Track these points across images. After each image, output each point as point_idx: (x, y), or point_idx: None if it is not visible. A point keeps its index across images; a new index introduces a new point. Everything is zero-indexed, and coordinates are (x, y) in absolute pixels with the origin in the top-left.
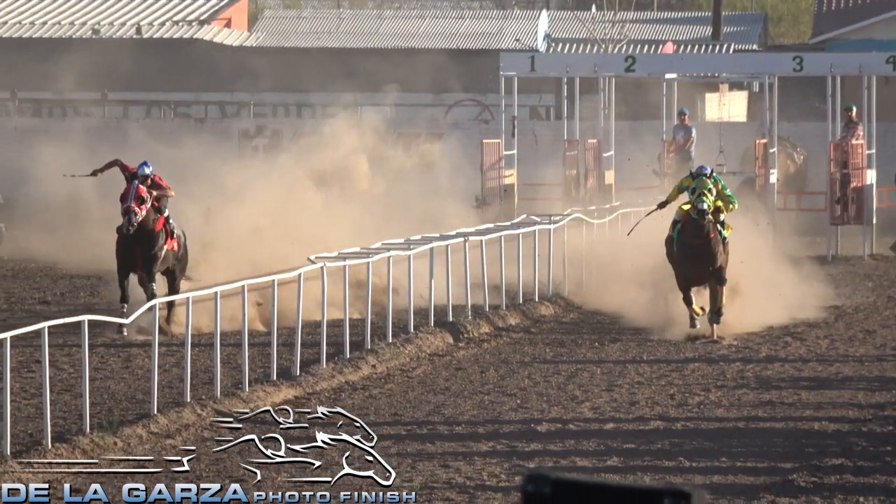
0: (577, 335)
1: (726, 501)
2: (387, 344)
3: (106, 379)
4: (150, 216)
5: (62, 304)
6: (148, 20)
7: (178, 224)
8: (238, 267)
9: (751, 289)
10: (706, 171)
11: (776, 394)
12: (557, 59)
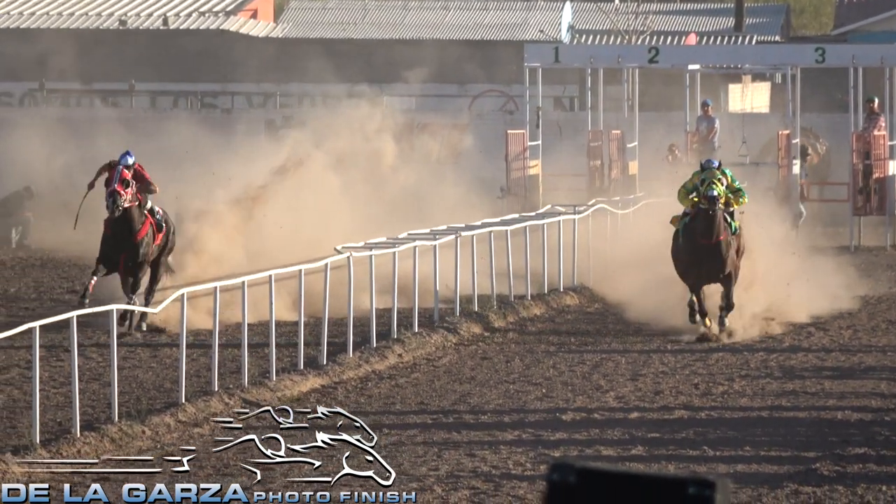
0: (601, 325)
1: (750, 490)
2: (413, 333)
3: (134, 368)
4: (137, 215)
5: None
6: (175, 11)
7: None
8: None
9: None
10: (714, 164)
11: (799, 383)
12: (581, 50)
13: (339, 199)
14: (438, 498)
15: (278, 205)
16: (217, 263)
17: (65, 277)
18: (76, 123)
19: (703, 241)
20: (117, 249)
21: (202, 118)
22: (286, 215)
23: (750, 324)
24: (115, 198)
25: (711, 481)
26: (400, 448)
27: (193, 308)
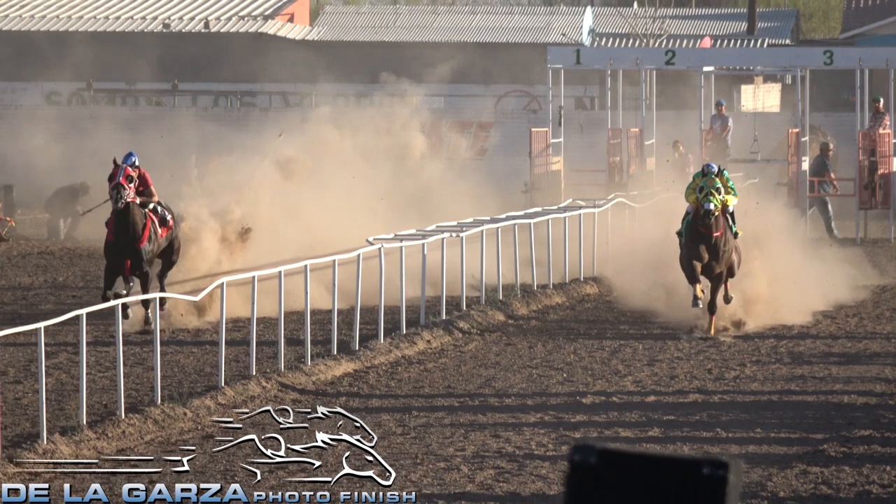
0: (619, 313)
1: (761, 470)
2: (440, 321)
3: (176, 353)
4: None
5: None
6: (215, 15)
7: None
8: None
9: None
10: (713, 168)
11: (808, 369)
12: (601, 53)
13: (369, 192)
14: (465, 477)
15: (310, 197)
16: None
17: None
18: (122, 121)
19: (704, 231)
20: (121, 255)
21: (241, 116)
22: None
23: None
24: (119, 190)
25: (725, 462)
26: (428, 429)
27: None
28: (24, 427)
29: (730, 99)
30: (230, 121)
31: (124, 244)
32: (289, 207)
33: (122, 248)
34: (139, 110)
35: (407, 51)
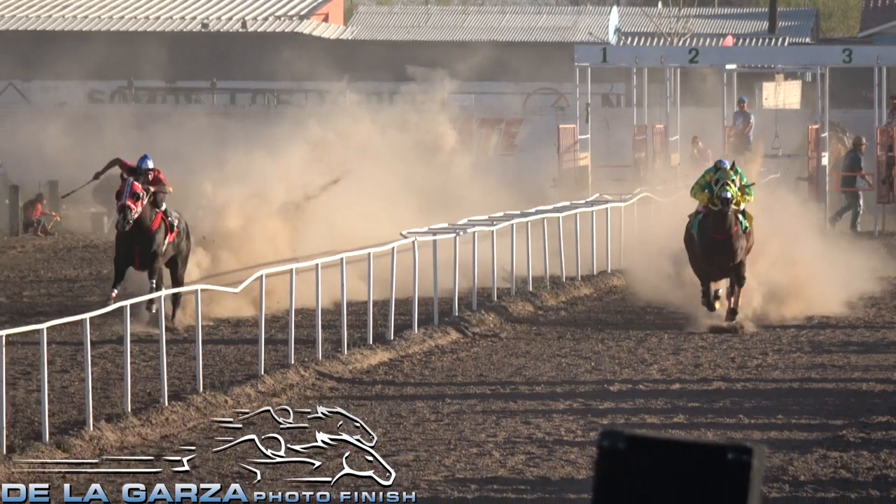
0: (644, 304)
1: (782, 455)
2: (472, 311)
3: (217, 343)
4: (148, 213)
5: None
6: (252, 15)
7: (180, 214)
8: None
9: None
10: (725, 164)
11: (827, 357)
12: (627, 51)
13: (402, 186)
14: (497, 462)
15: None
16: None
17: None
18: (162, 118)
19: (716, 235)
20: (131, 243)
21: (277, 113)
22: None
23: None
24: (125, 213)
25: (749, 447)
26: (461, 416)
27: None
28: (70, 414)
29: (752, 96)
30: (267, 117)
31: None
32: (324, 201)
33: (132, 235)
34: (179, 108)
35: (438, 49)
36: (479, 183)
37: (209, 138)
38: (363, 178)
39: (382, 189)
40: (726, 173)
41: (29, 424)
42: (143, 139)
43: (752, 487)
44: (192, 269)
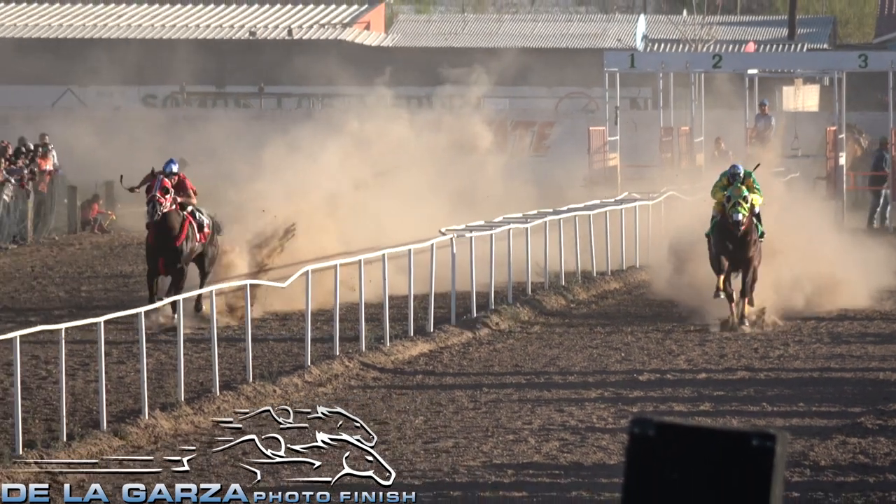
0: (671, 297)
1: (804, 441)
2: (508, 305)
3: (266, 335)
4: (177, 221)
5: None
6: (298, 24)
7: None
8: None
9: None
10: (738, 170)
11: (846, 347)
12: (654, 57)
13: (439, 185)
14: (532, 448)
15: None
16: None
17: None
18: (212, 122)
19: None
20: (158, 254)
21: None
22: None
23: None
24: (154, 205)
25: (772, 434)
26: (498, 405)
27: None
28: (127, 404)
29: (772, 99)
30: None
31: (162, 245)
32: (363, 200)
33: (159, 246)
34: (228, 112)
35: (474, 55)
36: (513, 182)
37: (255, 140)
38: (402, 177)
39: (420, 187)
40: (738, 189)
41: (87, 413)
42: (193, 141)
43: (775, 472)
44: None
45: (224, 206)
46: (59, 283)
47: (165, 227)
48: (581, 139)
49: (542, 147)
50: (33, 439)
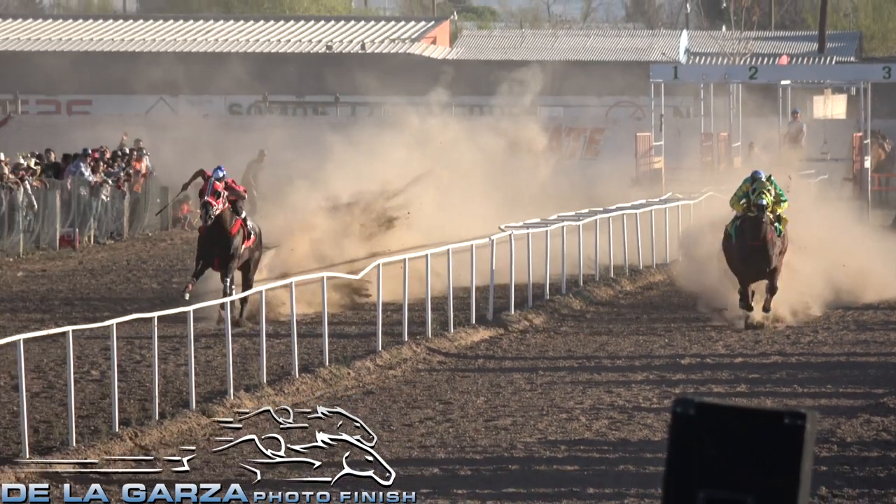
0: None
1: (831, 420)
2: (562, 295)
3: (341, 323)
4: (228, 216)
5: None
6: (370, 38)
7: (255, 224)
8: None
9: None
10: (760, 175)
11: (870, 334)
12: (695, 69)
13: (498, 185)
14: (583, 426)
15: (445, 190)
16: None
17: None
18: (293, 128)
19: (752, 242)
20: (212, 245)
21: (392, 123)
22: (453, 199)
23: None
24: (207, 208)
25: (803, 413)
26: (552, 386)
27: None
28: (214, 385)
29: (804, 108)
30: (382, 128)
31: (216, 235)
32: (429, 201)
33: (213, 238)
34: (306, 119)
35: (531, 67)
36: (566, 183)
37: (331, 144)
38: (465, 177)
39: (480, 186)
40: (762, 184)
41: (178, 394)
42: (273, 146)
43: (805, 448)
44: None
45: (296, 199)
46: (152, 275)
47: (219, 226)
48: (629, 144)
49: (593, 151)
50: (128, 417)
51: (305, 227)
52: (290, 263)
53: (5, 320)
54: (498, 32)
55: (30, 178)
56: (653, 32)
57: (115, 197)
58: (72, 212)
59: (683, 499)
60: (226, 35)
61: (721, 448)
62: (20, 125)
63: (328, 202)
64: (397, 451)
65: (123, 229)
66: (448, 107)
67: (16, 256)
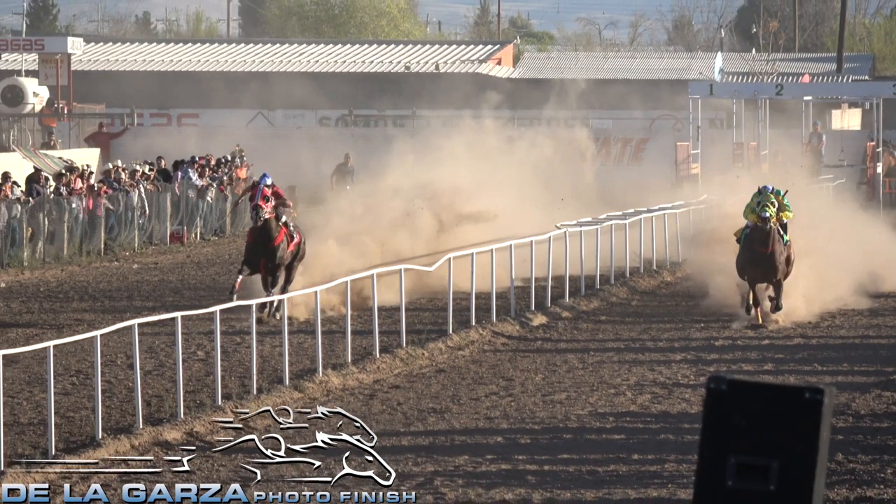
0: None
1: (847, 394)
2: (610, 285)
3: (416, 309)
4: (274, 225)
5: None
6: (444, 59)
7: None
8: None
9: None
10: (768, 189)
11: (882, 319)
12: (728, 86)
13: (552, 187)
14: (629, 399)
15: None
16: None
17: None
18: (375, 139)
19: (760, 249)
20: (258, 254)
21: (461, 133)
22: (512, 202)
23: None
24: (257, 211)
25: (822, 388)
26: (601, 365)
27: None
28: (304, 364)
29: (823, 120)
30: (452, 138)
31: (261, 245)
32: (491, 203)
33: (259, 247)
34: (387, 130)
35: (584, 86)
36: (614, 186)
37: (408, 151)
38: (526, 178)
39: (538, 189)
40: (767, 197)
41: (273, 372)
42: (358, 153)
43: (823, 419)
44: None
45: (378, 198)
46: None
47: (266, 233)
48: (669, 152)
49: (639, 158)
50: (230, 392)
51: (385, 223)
52: (370, 255)
53: (122, 307)
54: (555, 54)
55: (144, 182)
56: (691, 54)
57: (219, 199)
58: (181, 212)
59: (716, 464)
60: (317, 57)
61: (749, 419)
62: (136, 136)
63: (404, 201)
64: (465, 422)
65: (226, 227)
66: (511, 119)
67: (132, 251)
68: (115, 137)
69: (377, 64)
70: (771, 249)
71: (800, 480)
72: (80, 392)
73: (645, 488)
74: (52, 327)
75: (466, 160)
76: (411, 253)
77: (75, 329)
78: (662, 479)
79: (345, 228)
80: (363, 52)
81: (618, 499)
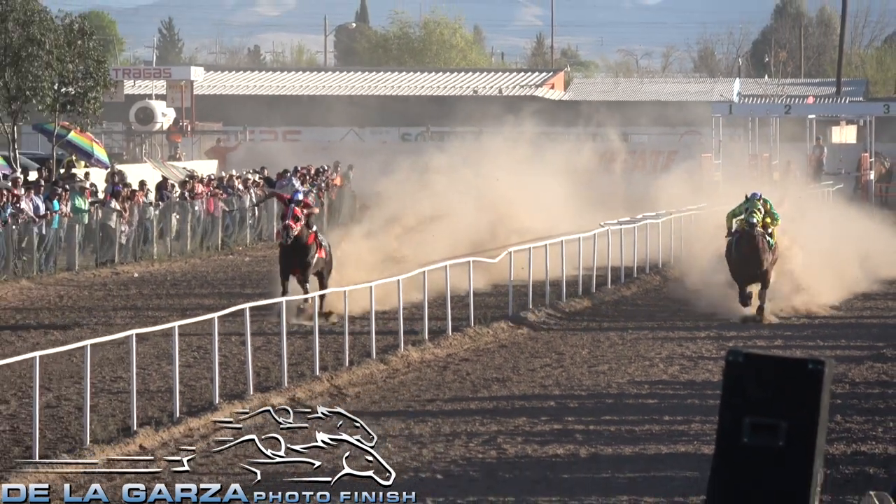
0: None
1: (843, 366)
2: (646, 274)
3: (482, 295)
4: (304, 232)
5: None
6: (506, 84)
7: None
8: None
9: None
10: (757, 196)
11: (874, 302)
12: (745, 107)
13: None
14: (661, 370)
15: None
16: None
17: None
18: (446, 152)
19: (747, 251)
20: (291, 256)
21: (521, 147)
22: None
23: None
24: (287, 231)
25: (822, 360)
26: (638, 341)
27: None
28: (389, 340)
29: (824, 135)
30: (513, 153)
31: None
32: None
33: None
34: (457, 143)
35: (624, 107)
36: (648, 191)
37: (476, 163)
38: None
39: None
40: (754, 203)
41: (363, 347)
42: (436, 164)
43: (824, 386)
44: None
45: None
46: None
47: (297, 244)
48: (695, 162)
49: (669, 168)
50: (326, 364)
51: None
52: (428, 248)
53: (236, 293)
54: (599, 80)
55: (254, 188)
56: (714, 80)
57: (318, 202)
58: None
59: (734, 424)
60: (399, 82)
61: (762, 387)
62: (247, 150)
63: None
64: (523, 389)
65: (323, 226)
66: (563, 134)
67: (244, 246)
68: (230, 151)
69: (450, 88)
70: (756, 249)
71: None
72: (200, 364)
73: (675, 444)
74: (177, 310)
75: (525, 165)
76: (476, 247)
77: (196, 312)
78: (689, 436)
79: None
80: (438, 79)
81: (651, 453)
